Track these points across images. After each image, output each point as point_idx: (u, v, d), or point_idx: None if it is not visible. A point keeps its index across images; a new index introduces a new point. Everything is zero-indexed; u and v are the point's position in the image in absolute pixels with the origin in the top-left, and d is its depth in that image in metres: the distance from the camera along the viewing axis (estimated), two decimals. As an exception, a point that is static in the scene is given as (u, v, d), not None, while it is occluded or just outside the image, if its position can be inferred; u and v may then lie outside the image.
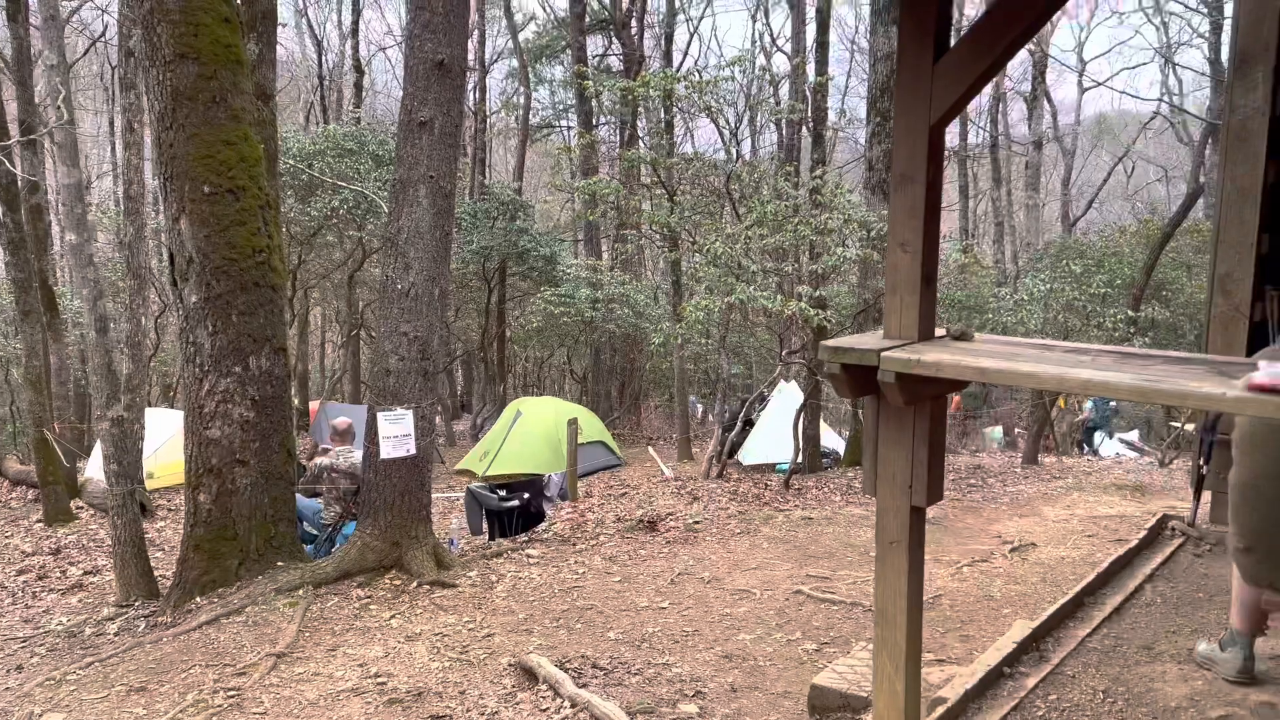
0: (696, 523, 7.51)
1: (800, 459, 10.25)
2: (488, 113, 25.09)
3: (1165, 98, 24.56)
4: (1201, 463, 4.34)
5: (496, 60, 27.17)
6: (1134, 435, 16.44)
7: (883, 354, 2.34)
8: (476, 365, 20.51)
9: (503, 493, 7.52)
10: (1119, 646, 3.61)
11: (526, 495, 7.45)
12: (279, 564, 5.91)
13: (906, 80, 2.38)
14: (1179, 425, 10.46)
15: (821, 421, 12.11)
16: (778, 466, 10.99)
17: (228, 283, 5.81)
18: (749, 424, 12.26)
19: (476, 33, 23.43)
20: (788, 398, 12.19)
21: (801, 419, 10.26)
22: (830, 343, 2.50)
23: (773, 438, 11.83)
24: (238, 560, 5.83)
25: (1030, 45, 22.63)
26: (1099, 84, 22.66)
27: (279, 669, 4.46)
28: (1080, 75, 27.74)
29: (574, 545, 6.93)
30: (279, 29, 7.53)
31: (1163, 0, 22.50)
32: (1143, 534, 4.78)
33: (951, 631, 4.71)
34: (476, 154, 22.45)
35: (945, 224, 27.51)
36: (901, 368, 2.31)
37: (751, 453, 12.01)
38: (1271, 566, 2.76)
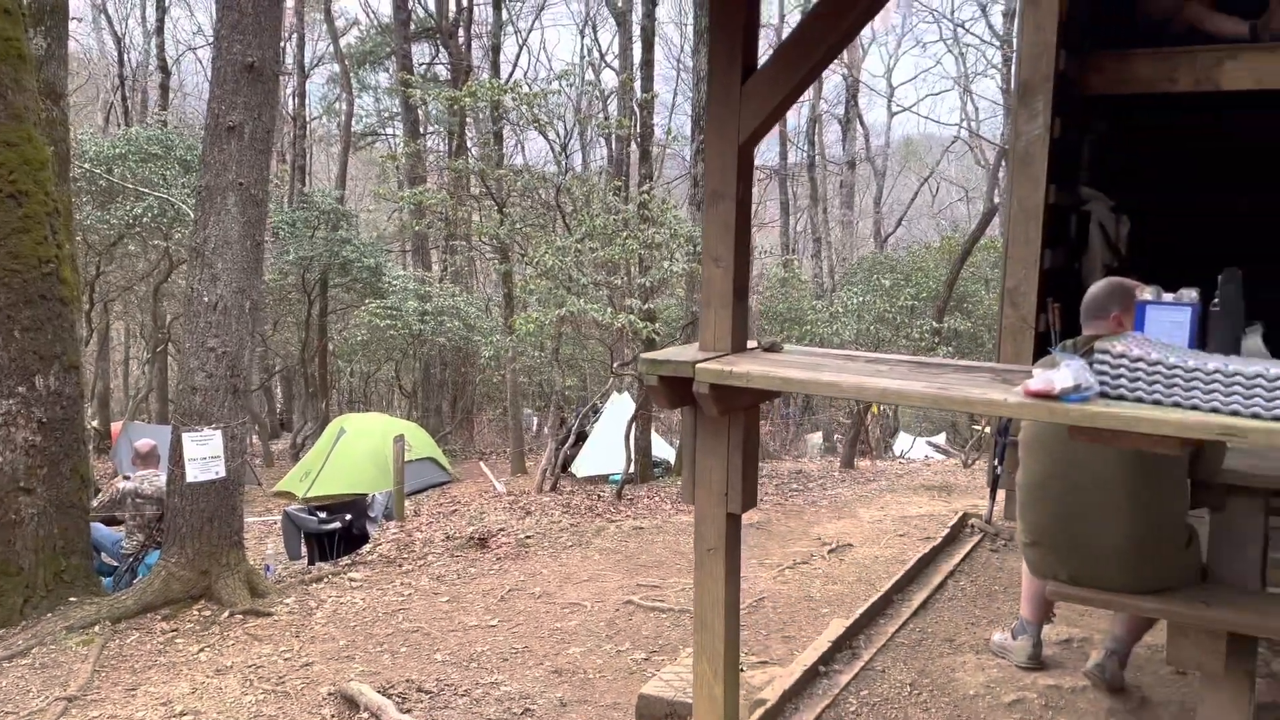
0: (528, 537, 7.45)
1: (632, 469, 10.36)
2: (308, 118, 24.14)
3: (964, 123, 26.47)
4: (997, 463, 4.67)
5: (317, 65, 26.20)
6: (941, 438, 17.57)
7: (697, 365, 2.39)
8: (297, 381, 19.64)
9: (323, 514, 7.22)
10: (924, 640, 3.83)
11: (349, 516, 7.18)
12: (72, 600, 5.45)
13: (717, 100, 2.44)
14: (979, 429, 11.24)
15: (653, 431, 12.29)
16: (611, 477, 11.06)
17: (9, 295, 5.33)
18: (582, 436, 12.30)
19: (295, 35, 22.53)
20: (620, 409, 12.31)
21: (633, 429, 10.38)
22: (648, 355, 2.53)
23: (606, 449, 11.90)
24: (23, 598, 5.34)
25: (843, 70, 23.89)
26: (905, 109, 24.20)
27: (70, 714, 4.10)
28: (889, 100, 29.52)
29: (400, 566, 6.73)
30: (72, 23, 6.98)
31: (961, 33, 24.26)
32: (946, 532, 5.09)
33: (774, 633, 4.86)
34: (296, 161, 21.57)
35: (767, 239, 28.60)
36: (715, 379, 2.36)
37: (585, 465, 12.04)
38: (1054, 560, 2.99)
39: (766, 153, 26.78)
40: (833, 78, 25.00)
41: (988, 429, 9.70)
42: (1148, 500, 2.82)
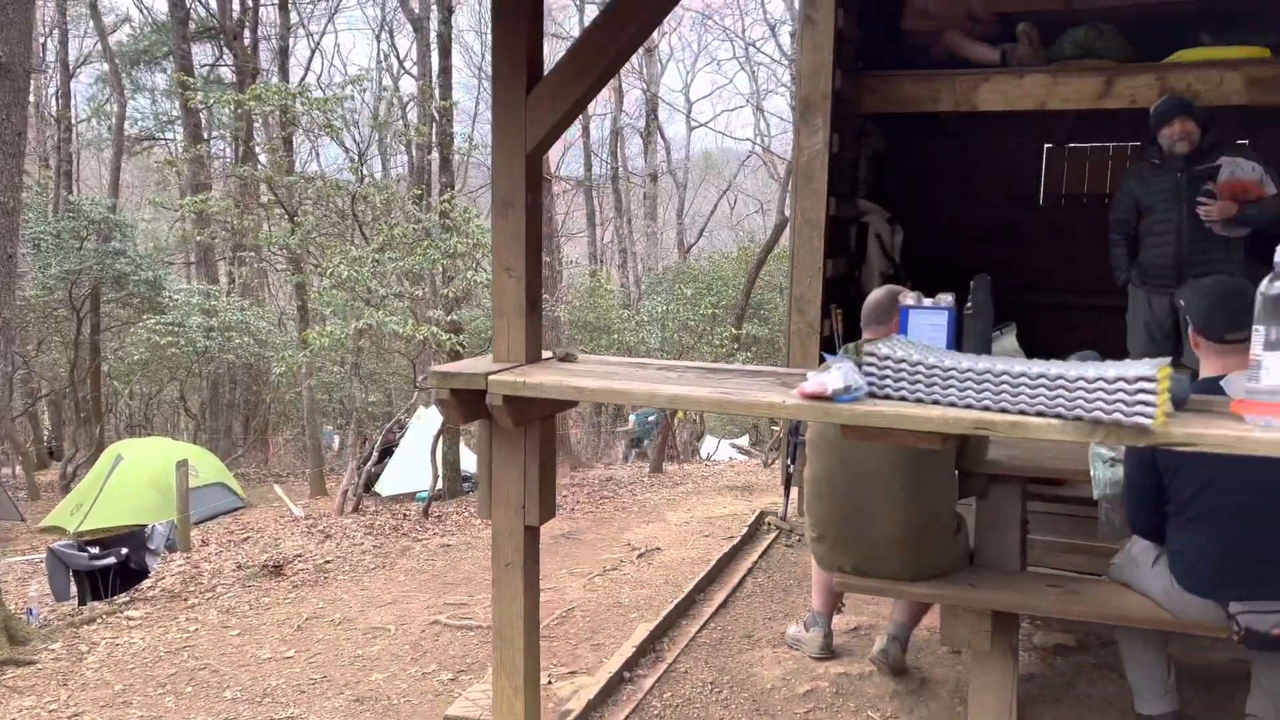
0: (328, 562, 7.12)
1: (440, 485, 10.12)
2: (73, 121, 22.18)
3: (758, 139, 27.64)
4: (790, 462, 4.87)
5: (84, 63, 24.10)
6: (744, 440, 18.22)
7: (490, 377, 2.35)
8: (67, 406, 17.95)
9: (95, 549, 6.60)
10: (725, 638, 3.93)
11: (125, 550, 6.59)
12: None
13: (501, 109, 2.42)
14: (777, 430, 11.73)
15: (462, 445, 12.07)
16: (418, 495, 10.76)
17: None
18: (387, 453, 11.90)
19: (57, 31, 20.67)
20: (427, 423, 12.00)
21: (440, 444, 10.14)
22: (439, 369, 2.46)
23: (412, 466, 11.57)
24: None
25: (643, 85, 24.42)
26: (702, 124, 25.02)
27: None
28: (688, 115, 30.43)
29: (185, 601, 6.26)
30: None
31: (752, 51, 25.34)
32: (745, 531, 5.26)
33: (584, 642, 4.86)
34: (61, 166, 19.75)
35: (576, 250, 28.79)
36: (509, 390, 2.33)
37: (390, 483, 11.65)
38: (840, 552, 3.15)
39: (571, 164, 26.99)
40: (633, 92, 25.53)
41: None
42: (920, 492, 3.02)
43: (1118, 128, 6.25)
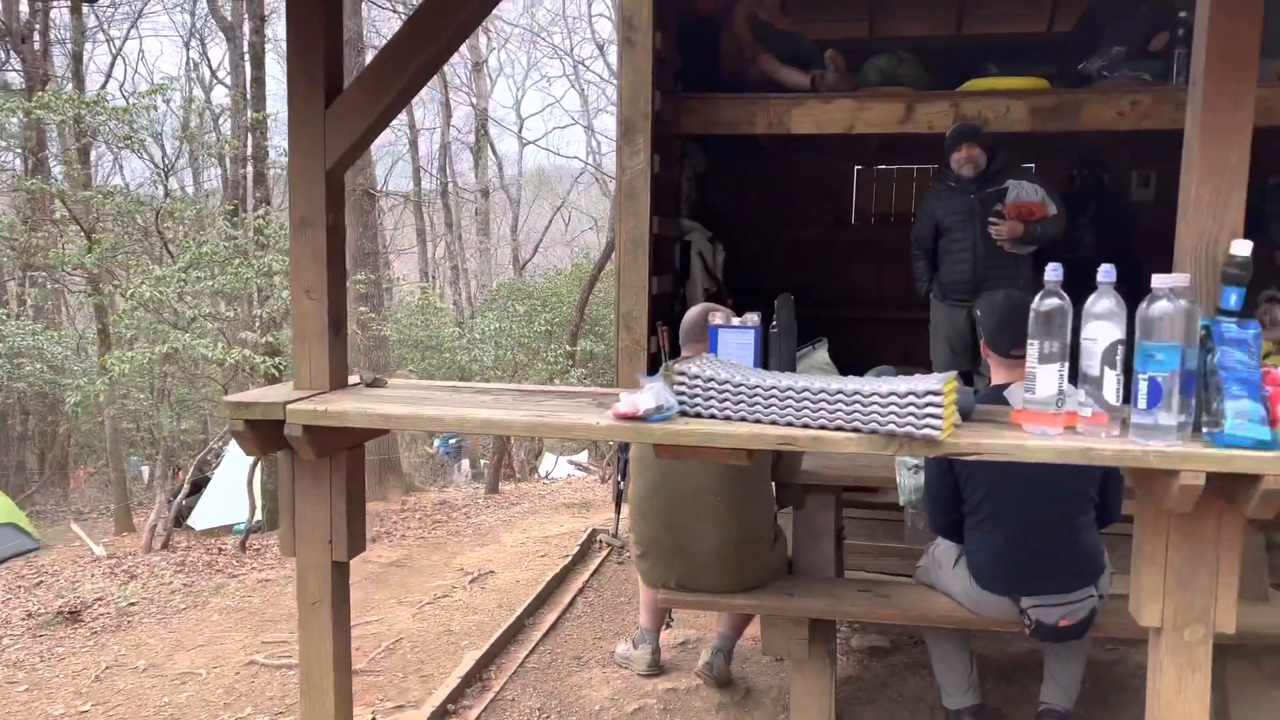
0: (132, 604, 6.60)
1: (259, 516, 9.58)
2: None
3: (589, 157, 27.86)
4: (620, 478, 4.89)
5: None
6: (583, 456, 18.23)
7: (289, 406, 2.22)
8: None
9: None
10: (554, 661, 3.88)
11: (-112, 606, 5.89)
12: None
13: (299, 125, 2.30)
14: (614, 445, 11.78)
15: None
16: (235, 527, 10.15)
17: None
18: (201, 484, 11.19)
19: None
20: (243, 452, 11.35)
21: (258, 472, 9.62)
22: (233, 397, 2.31)
23: (228, 497, 10.91)
24: None
25: (473, 100, 24.15)
26: (532, 142, 24.99)
27: None
28: (519, 132, 30.33)
29: (-39, 659, 5.65)
30: None
31: (582, 70, 25.55)
32: (576, 550, 5.23)
33: (412, 674, 4.69)
34: None
35: (406, 266, 28.10)
36: (309, 419, 2.20)
37: (204, 516, 10.96)
38: (663, 568, 3.16)
39: (399, 179, 26.32)
40: (462, 107, 25.20)
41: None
42: (738, 506, 3.07)
43: (921, 151, 6.63)
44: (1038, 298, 1.88)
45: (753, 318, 2.33)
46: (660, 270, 5.30)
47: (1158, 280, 1.77)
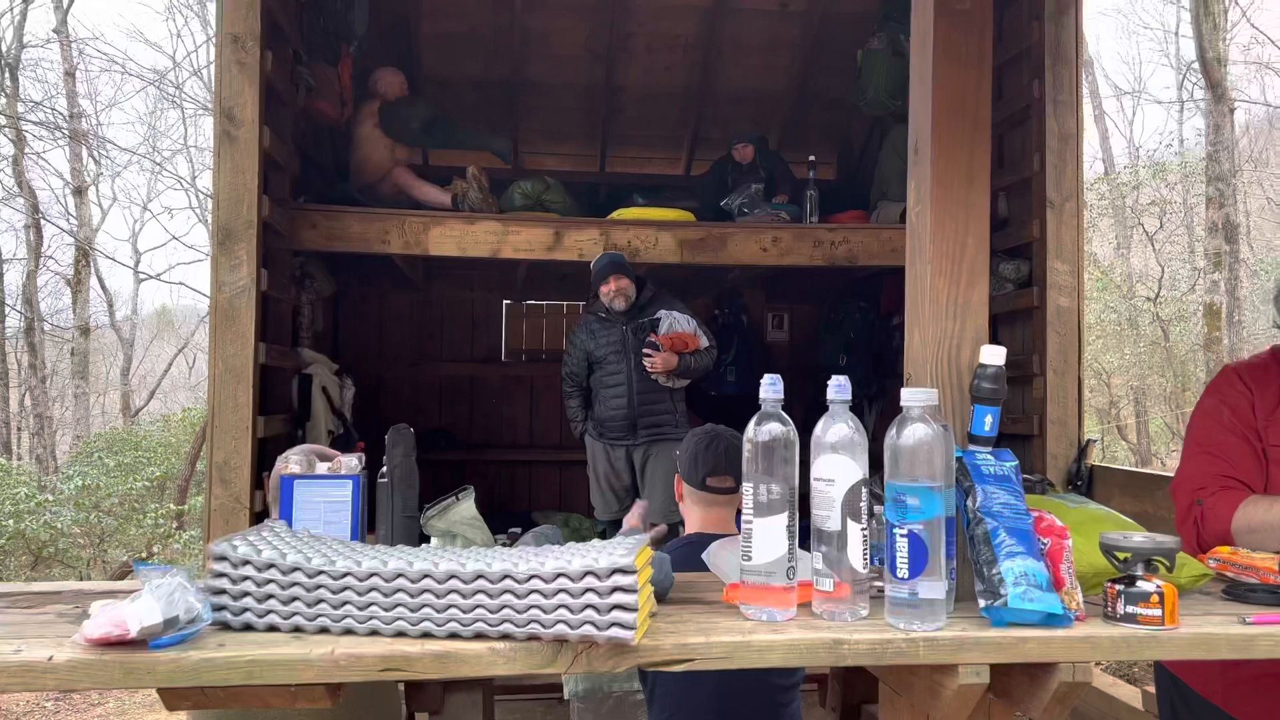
0: None
1: None
2: None
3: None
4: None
5: None
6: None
7: None
8: None
9: None
10: None
11: None
12: None
13: None
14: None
15: None
16: None
17: None
18: None
19: None
20: None
21: None
22: None
23: None
24: None
25: (74, 228, 21.24)
26: (152, 277, 22.33)
27: None
28: (135, 267, 27.23)
29: None
30: None
31: (206, 201, 23.60)
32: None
33: None
34: None
35: (-23, 416, 23.47)
36: None
37: None
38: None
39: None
40: (62, 237, 22.04)
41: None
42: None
43: (570, 284, 6.33)
44: (753, 423, 1.34)
45: (350, 461, 1.58)
46: (270, 409, 4.37)
47: (908, 396, 1.29)
